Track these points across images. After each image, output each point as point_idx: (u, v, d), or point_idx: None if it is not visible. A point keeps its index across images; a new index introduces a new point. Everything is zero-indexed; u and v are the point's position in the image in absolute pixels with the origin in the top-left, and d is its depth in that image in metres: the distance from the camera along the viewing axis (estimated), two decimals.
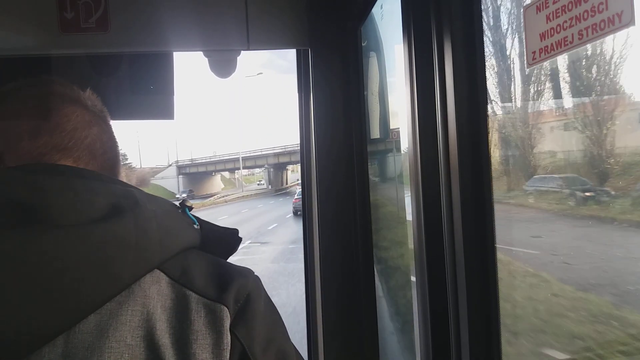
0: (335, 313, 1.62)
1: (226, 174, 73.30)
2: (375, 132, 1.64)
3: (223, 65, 1.72)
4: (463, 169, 0.86)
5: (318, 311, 1.65)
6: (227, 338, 0.59)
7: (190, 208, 0.74)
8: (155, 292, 0.58)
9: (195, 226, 0.72)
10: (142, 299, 0.57)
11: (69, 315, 0.52)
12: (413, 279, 1.07)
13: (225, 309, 0.60)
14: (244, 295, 0.64)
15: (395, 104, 1.58)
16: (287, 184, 65.68)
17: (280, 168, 64.18)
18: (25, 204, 0.54)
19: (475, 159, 0.86)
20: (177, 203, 0.74)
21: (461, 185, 0.86)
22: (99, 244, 0.54)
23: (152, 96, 1.71)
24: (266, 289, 0.71)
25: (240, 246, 0.81)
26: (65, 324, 0.52)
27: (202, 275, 0.63)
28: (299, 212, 36.98)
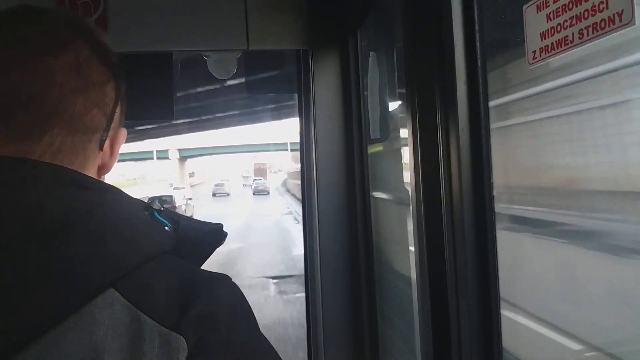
0: (335, 313, 1.62)
1: None
2: (375, 132, 1.64)
3: (222, 66, 1.72)
4: (463, 168, 0.86)
5: (318, 311, 1.64)
6: None
7: (160, 211, 0.65)
8: (106, 317, 0.50)
9: (166, 228, 0.63)
10: (90, 326, 0.49)
11: (3, 344, 0.46)
12: (414, 278, 1.07)
13: (182, 339, 0.52)
14: (207, 318, 0.55)
15: (395, 104, 1.57)
16: None
17: None
18: None
19: (476, 159, 0.86)
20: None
21: (462, 185, 0.86)
22: (41, 265, 0.48)
23: (151, 96, 1.71)
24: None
25: None
26: None
27: (163, 294, 0.55)
28: (256, 193, 38.37)
